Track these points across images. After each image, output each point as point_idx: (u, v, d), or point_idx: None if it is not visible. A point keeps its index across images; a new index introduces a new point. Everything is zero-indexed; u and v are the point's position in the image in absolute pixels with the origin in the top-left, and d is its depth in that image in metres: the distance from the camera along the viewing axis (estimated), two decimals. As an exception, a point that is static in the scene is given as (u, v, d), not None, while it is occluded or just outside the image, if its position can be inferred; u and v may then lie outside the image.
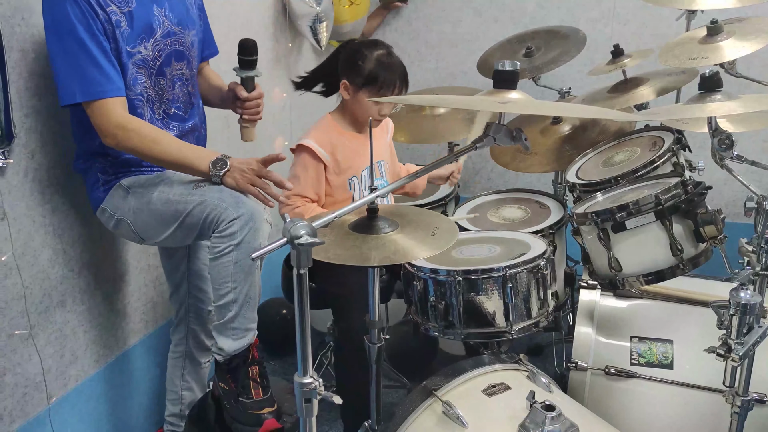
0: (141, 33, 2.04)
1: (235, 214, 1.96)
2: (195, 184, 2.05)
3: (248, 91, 2.34)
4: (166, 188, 2.07)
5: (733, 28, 2.37)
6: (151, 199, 2.07)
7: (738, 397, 1.84)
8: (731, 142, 1.97)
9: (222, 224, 1.97)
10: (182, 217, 2.02)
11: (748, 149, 3.67)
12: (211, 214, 1.97)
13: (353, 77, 2.43)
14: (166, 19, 2.12)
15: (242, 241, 1.97)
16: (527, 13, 3.98)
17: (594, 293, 2.39)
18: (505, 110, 1.64)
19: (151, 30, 2.07)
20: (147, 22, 2.06)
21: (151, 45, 2.08)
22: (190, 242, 2.12)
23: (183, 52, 2.20)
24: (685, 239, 2.13)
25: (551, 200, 2.86)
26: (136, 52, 2.04)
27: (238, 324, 2.08)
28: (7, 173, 2.04)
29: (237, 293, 2.04)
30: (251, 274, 2.04)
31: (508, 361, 2.10)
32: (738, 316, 1.74)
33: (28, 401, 2.15)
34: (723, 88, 1.95)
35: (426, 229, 1.74)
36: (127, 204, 2.11)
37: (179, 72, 2.21)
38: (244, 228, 1.96)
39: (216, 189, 2.01)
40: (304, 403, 1.48)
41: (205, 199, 1.99)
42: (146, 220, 2.10)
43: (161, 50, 2.12)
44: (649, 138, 2.67)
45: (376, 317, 1.87)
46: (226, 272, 2.01)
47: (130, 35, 2.02)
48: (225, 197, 1.98)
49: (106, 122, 1.96)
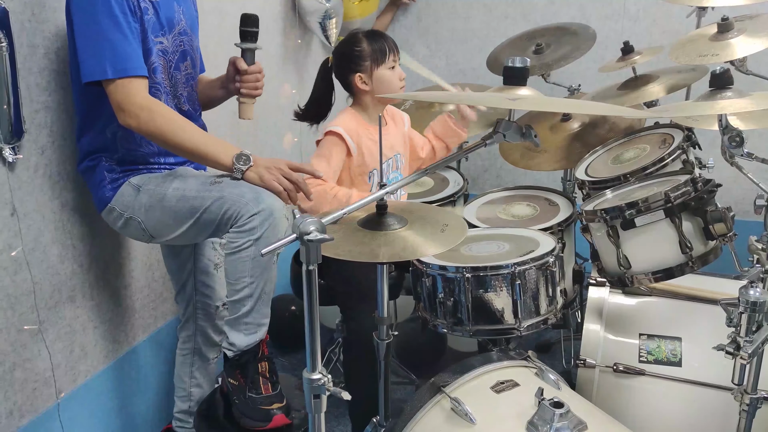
0: (164, 24, 2.07)
1: (256, 209, 1.95)
2: (212, 179, 2.04)
3: (248, 65, 2.33)
4: (180, 184, 2.07)
5: (744, 25, 2.36)
6: (165, 196, 2.06)
7: (747, 395, 1.83)
8: (741, 139, 1.96)
9: (241, 219, 1.96)
10: (199, 213, 2.02)
11: (759, 147, 3.61)
12: (231, 210, 1.97)
13: (361, 65, 2.47)
14: (183, 18, 2.15)
15: (262, 236, 1.96)
16: (538, 10, 3.98)
17: (603, 290, 2.38)
18: (515, 107, 1.64)
19: (171, 24, 2.10)
20: (169, 16, 2.09)
21: (171, 39, 2.10)
22: (202, 240, 2.11)
23: (192, 54, 2.23)
24: (694, 237, 2.12)
25: (560, 197, 2.86)
26: (158, 41, 2.06)
27: (251, 319, 2.09)
28: (17, 169, 2.05)
29: (253, 288, 2.04)
30: (268, 270, 2.04)
31: (517, 358, 2.10)
32: (747, 314, 1.74)
33: (37, 396, 2.16)
34: (734, 86, 1.95)
35: (435, 226, 1.73)
36: (138, 202, 2.09)
37: (188, 72, 2.23)
38: (264, 223, 1.96)
39: (234, 185, 2.01)
40: (313, 399, 1.48)
41: (224, 194, 1.99)
42: (159, 217, 2.08)
43: (177, 46, 2.14)
44: (658, 135, 2.66)
45: (384, 314, 1.87)
46: (243, 267, 2.01)
47: (156, 25, 2.04)
48: (245, 192, 1.97)
49: (131, 101, 1.94)
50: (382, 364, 1.94)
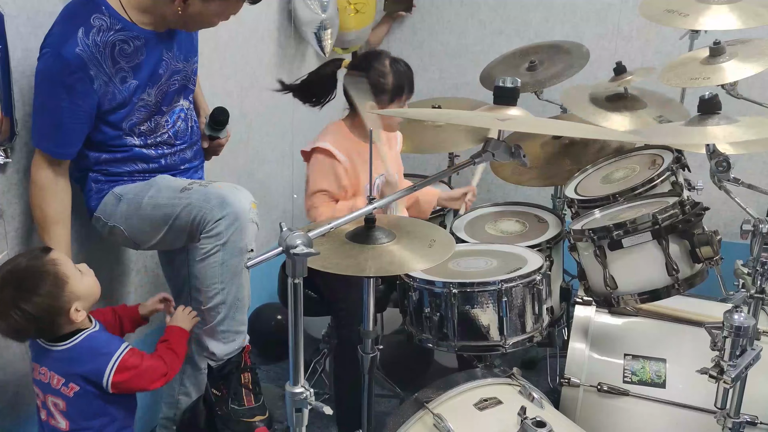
0: (147, 82, 2.10)
1: (220, 214, 2.00)
2: (183, 188, 2.09)
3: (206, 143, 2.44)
4: (155, 193, 2.11)
5: (736, 50, 2.38)
6: (141, 204, 2.11)
7: (729, 419, 1.84)
8: (728, 164, 1.97)
9: (208, 225, 2.01)
10: (171, 220, 2.06)
11: (748, 170, 3.68)
12: (198, 216, 2.02)
13: (377, 97, 2.43)
14: (172, 60, 2.17)
15: (228, 240, 2.01)
16: (532, 27, 3.99)
17: (589, 309, 2.39)
18: (504, 128, 1.65)
19: (157, 77, 2.13)
20: (154, 71, 2.12)
21: (155, 91, 2.14)
22: (182, 245, 2.14)
23: (185, 85, 2.27)
24: (681, 259, 2.13)
25: (549, 215, 2.86)
26: (139, 99, 2.10)
27: (227, 327, 2.12)
28: (7, 171, 2.05)
29: (225, 294, 2.08)
30: (238, 275, 2.08)
31: (501, 376, 2.10)
32: (731, 338, 1.75)
33: (19, 400, 2.15)
34: (722, 111, 1.96)
35: (423, 241, 1.74)
36: (119, 211, 2.14)
37: (177, 104, 2.26)
38: (229, 228, 2.00)
39: (202, 191, 2.05)
40: (295, 412, 1.48)
41: (191, 201, 2.04)
42: (137, 225, 2.13)
43: (165, 92, 2.18)
44: (648, 156, 2.67)
45: (370, 327, 1.87)
46: (213, 273, 2.06)
47: (137, 87, 2.08)
48: (210, 198, 2.02)
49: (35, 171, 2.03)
50: (366, 378, 1.93)
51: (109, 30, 1.98)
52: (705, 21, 2.55)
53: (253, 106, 3.27)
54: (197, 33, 2.36)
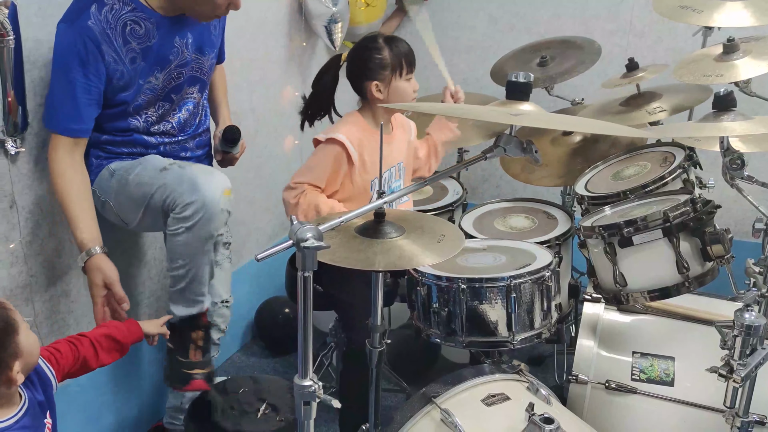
0: (154, 65, 2.13)
1: (189, 199, 2.04)
2: (163, 167, 2.13)
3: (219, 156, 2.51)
4: (141, 171, 2.15)
5: (750, 47, 2.36)
6: (128, 181, 2.15)
7: (738, 418, 1.83)
8: (742, 162, 1.97)
9: (178, 207, 2.05)
10: (148, 199, 2.10)
11: (761, 169, 3.64)
12: (169, 197, 2.06)
13: (380, 74, 2.42)
14: (185, 49, 2.20)
15: (193, 225, 2.06)
16: (542, 23, 3.97)
17: (598, 306, 2.38)
18: (517, 122, 1.64)
19: (166, 62, 2.16)
20: (164, 56, 2.14)
21: (163, 75, 2.17)
22: (161, 227, 2.15)
23: (197, 77, 2.29)
24: (691, 257, 2.12)
25: (559, 211, 2.85)
26: (146, 82, 2.13)
27: (186, 296, 2.22)
28: (18, 161, 2.05)
29: (186, 270, 2.16)
30: (201, 255, 2.14)
31: (509, 372, 2.10)
32: (741, 337, 1.74)
33: None
34: (737, 108, 1.95)
35: (432, 236, 1.73)
36: (110, 186, 2.18)
37: (190, 96, 2.30)
38: (196, 214, 2.04)
39: (178, 173, 2.09)
40: (303, 405, 1.48)
41: (166, 182, 2.08)
42: (123, 201, 2.18)
43: (173, 79, 2.20)
44: (660, 153, 2.66)
45: (378, 321, 1.87)
46: (177, 250, 2.12)
47: (144, 69, 2.11)
48: (183, 181, 2.06)
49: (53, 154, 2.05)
50: (374, 372, 1.93)
51: (122, 9, 2.02)
52: (719, 17, 2.52)
53: (262, 101, 3.26)
54: (221, 30, 2.36)
